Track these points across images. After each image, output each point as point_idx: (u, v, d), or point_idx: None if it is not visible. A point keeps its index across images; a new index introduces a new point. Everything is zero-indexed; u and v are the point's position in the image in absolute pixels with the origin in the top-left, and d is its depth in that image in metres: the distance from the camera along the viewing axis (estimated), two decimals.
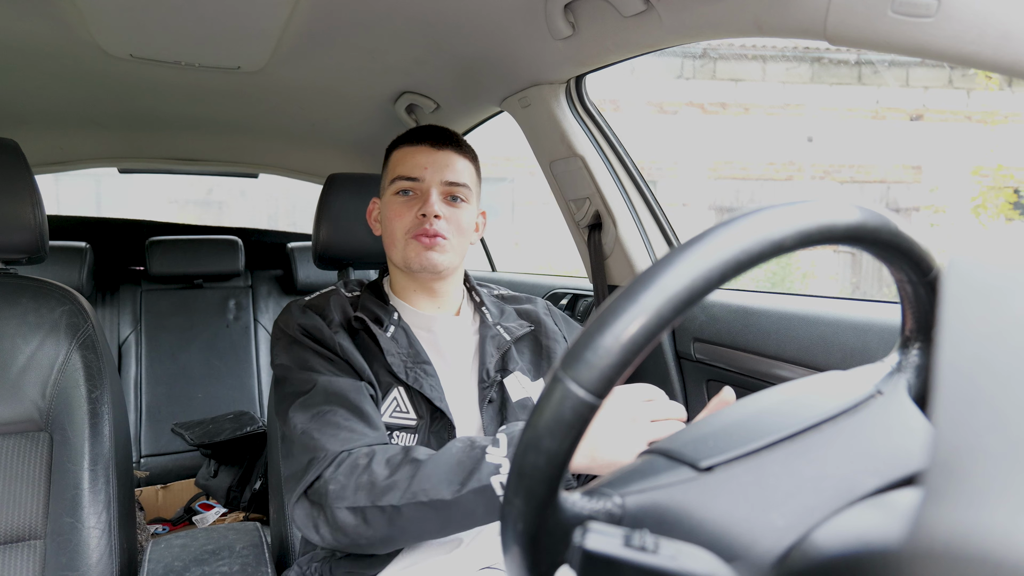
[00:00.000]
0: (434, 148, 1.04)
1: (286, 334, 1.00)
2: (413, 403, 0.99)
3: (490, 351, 1.05)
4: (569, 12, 1.15)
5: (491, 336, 1.07)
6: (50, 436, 1.02)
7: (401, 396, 0.99)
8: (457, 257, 1.05)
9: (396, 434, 0.97)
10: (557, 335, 1.13)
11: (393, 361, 0.98)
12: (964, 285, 0.31)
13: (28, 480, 0.99)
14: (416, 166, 1.03)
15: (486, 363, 1.04)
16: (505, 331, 1.09)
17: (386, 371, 0.99)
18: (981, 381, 0.27)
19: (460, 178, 1.05)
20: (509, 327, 1.10)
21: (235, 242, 2.54)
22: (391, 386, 0.99)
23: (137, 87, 1.70)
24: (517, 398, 1.03)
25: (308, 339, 0.99)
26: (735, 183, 8.57)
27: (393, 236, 1.04)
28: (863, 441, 0.43)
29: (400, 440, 0.97)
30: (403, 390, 0.99)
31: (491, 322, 1.09)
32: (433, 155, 1.04)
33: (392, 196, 1.05)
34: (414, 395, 0.99)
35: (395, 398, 0.99)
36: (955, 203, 6.59)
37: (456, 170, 1.05)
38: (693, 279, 0.38)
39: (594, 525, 0.37)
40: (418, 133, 1.07)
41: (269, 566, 0.93)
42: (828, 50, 7.06)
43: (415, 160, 1.04)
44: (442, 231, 1.01)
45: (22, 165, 1.06)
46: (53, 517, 0.99)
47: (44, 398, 1.03)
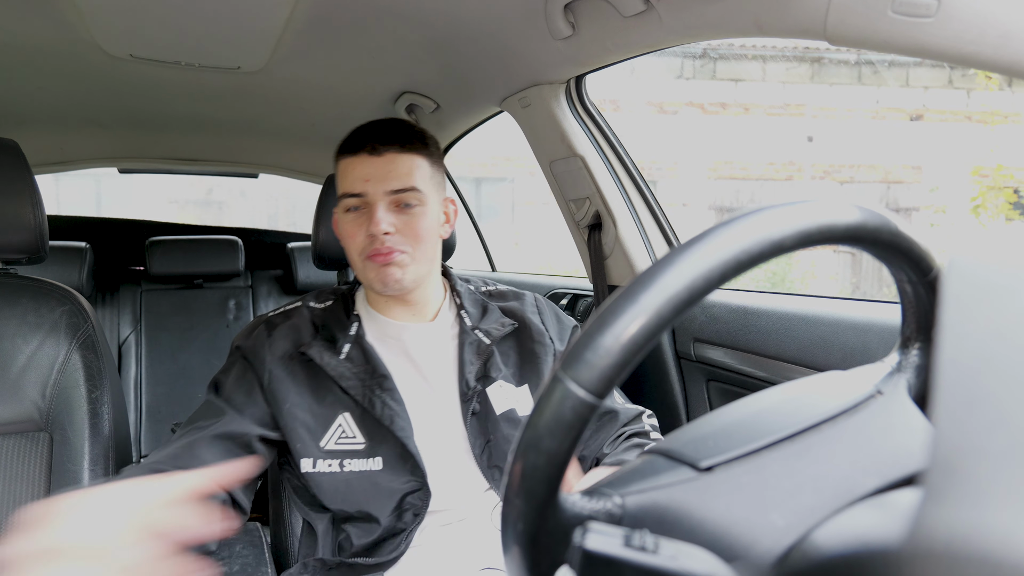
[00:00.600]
0: (373, 155, 0.95)
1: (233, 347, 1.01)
2: (364, 425, 0.96)
3: (469, 359, 1.00)
4: (569, 12, 1.15)
5: (469, 342, 1.02)
6: (50, 436, 1.02)
7: (347, 422, 0.96)
8: (422, 266, 0.98)
9: (347, 461, 0.94)
10: (543, 336, 1.07)
11: (349, 385, 0.95)
12: (964, 285, 0.31)
13: (28, 480, 0.99)
14: (356, 180, 0.95)
15: (465, 373, 0.99)
16: (485, 334, 1.03)
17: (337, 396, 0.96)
18: (981, 381, 0.27)
19: (407, 182, 0.95)
20: (490, 329, 1.04)
21: (235, 242, 2.54)
22: (336, 413, 0.96)
23: (137, 87, 1.70)
24: (501, 410, 1.00)
25: (243, 361, 0.98)
26: (735, 183, 8.57)
27: (351, 257, 0.98)
28: (863, 441, 0.43)
29: (351, 466, 0.94)
30: (349, 415, 0.96)
31: (469, 326, 1.03)
32: (372, 164, 0.95)
33: (343, 213, 0.98)
34: (367, 417, 0.96)
35: (339, 425, 0.96)
36: (955, 203, 6.59)
37: (401, 175, 0.95)
38: (693, 279, 0.38)
39: (594, 525, 0.37)
40: (357, 137, 0.97)
41: (269, 566, 0.93)
42: (828, 50, 7.06)
43: (355, 173, 0.95)
44: (397, 246, 0.94)
45: (22, 165, 1.06)
46: None
47: (44, 398, 1.03)
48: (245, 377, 0.97)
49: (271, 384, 0.95)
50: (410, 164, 0.96)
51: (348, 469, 0.94)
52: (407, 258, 0.95)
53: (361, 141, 0.96)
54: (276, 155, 2.46)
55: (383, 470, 0.95)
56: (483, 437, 0.98)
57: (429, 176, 0.99)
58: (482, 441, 0.98)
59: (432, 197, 0.99)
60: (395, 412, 0.94)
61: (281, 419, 0.94)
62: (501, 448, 0.98)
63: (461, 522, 0.97)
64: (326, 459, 0.94)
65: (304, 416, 0.95)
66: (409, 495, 0.94)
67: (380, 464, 0.95)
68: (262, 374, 0.96)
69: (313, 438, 0.95)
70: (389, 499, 0.94)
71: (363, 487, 0.94)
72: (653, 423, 1.06)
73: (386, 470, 0.95)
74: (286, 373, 0.96)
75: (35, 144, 1.96)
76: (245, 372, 0.97)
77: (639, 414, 1.07)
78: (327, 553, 0.99)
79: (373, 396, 0.95)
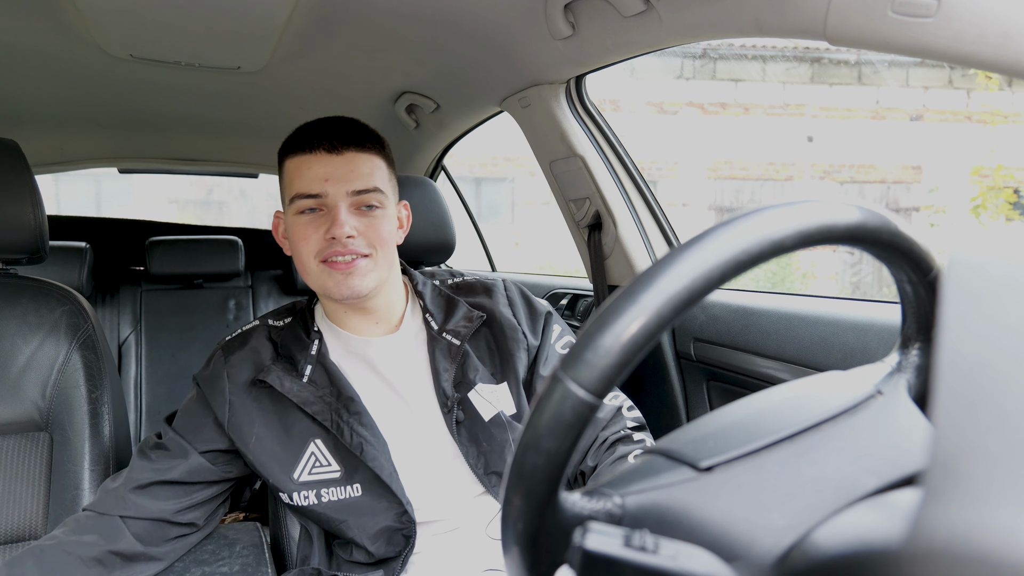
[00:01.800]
0: (332, 154, 0.88)
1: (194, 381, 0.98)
2: (337, 452, 0.92)
3: (443, 365, 0.95)
4: (569, 12, 1.15)
5: (439, 348, 0.96)
6: (50, 436, 1.02)
7: (319, 449, 0.91)
8: (384, 271, 0.92)
9: (324, 490, 0.91)
10: (516, 331, 1.00)
11: (315, 411, 0.90)
12: (964, 285, 0.31)
13: (28, 480, 0.99)
14: (315, 179, 0.88)
15: (441, 382, 0.94)
16: (454, 335, 0.96)
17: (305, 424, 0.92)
18: (981, 381, 0.27)
19: (369, 183, 0.89)
20: (458, 328, 0.97)
21: (235, 242, 2.54)
22: (306, 442, 0.91)
23: (137, 87, 1.70)
24: (489, 416, 0.95)
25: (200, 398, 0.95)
26: (735, 183, 8.57)
27: (303, 262, 0.90)
28: (863, 441, 0.43)
29: (329, 495, 0.90)
30: (321, 442, 0.92)
31: (436, 330, 0.97)
32: (332, 162, 0.88)
33: (295, 216, 0.90)
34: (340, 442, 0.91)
35: (312, 454, 0.91)
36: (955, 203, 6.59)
37: (363, 175, 0.89)
38: (693, 279, 0.38)
39: (594, 525, 0.37)
40: (309, 134, 0.90)
41: (269, 566, 0.93)
42: (828, 50, 7.06)
43: (312, 172, 0.88)
44: (359, 250, 0.88)
45: (22, 165, 1.06)
46: (53, 517, 0.99)
47: (44, 398, 1.03)
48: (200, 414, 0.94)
49: (232, 419, 0.91)
50: (371, 164, 0.91)
51: (326, 499, 0.91)
52: (369, 263, 0.90)
53: (317, 137, 0.89)
54: (276, 155, 2.46)
55: (363, 496, 0.91)
56: (475, 446, 0.94)
57: (388, 178, 0.94)
58: (475, 450, 0.94)
59: (391, 200, 0.94)
60: (364, 439, 0.90)
61: (249, 455, 0.91)
62: (497, 454, 0.95)
63: (456, 531, 0.96)
64: (301, 491, 0.91)
65: (273, 447, 0.91)
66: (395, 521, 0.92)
67: (360, 491, 0.91)
68: (222, 409, 0.92)
69: (285, 470, 0.91)
70: (374, 524, 0.92)
71: (344, 516, 0.92)
72: (635, 415, 1.00)
73: (366, 496, 0.91)
74: (251, 401, 0.92)
75: (35, 144, 1.96)
76: (201, 410, 0.94)
77: (617, 410, 1.00)
78: (322, 561, 0.98)
79: (341, 421, 0.90)
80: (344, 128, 0.91)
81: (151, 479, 0.91)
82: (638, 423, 1.00)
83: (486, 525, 0.97)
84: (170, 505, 0.91)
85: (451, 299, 1.01)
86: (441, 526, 0.96)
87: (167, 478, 0.91)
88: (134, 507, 0.89)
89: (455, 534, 0.96)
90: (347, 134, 0.90)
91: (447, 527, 0.96)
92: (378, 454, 0.90)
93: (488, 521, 0.97)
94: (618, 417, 1.00)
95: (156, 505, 0.90)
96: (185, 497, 0.92)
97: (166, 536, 0.91)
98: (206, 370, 0.96)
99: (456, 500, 0.96)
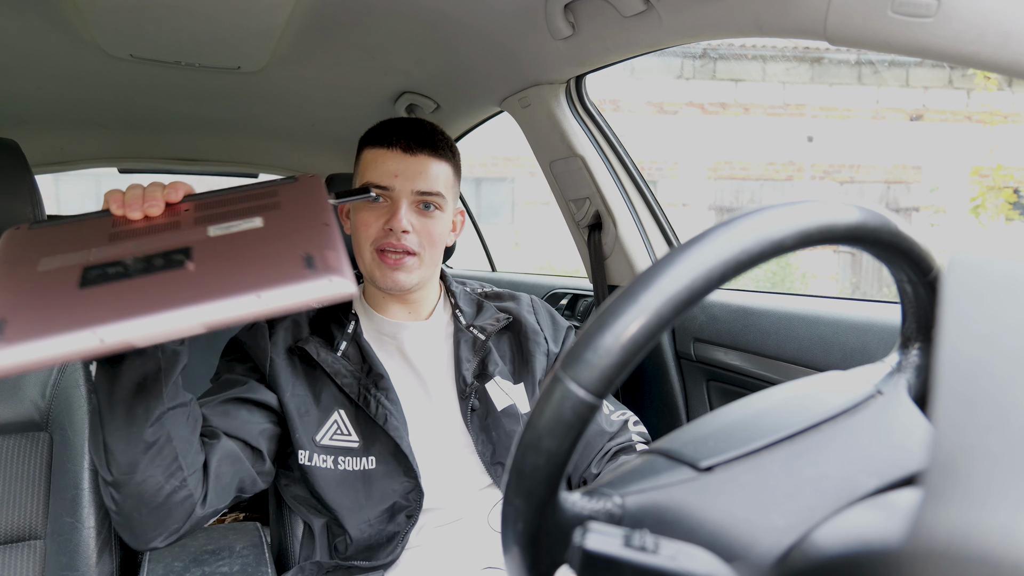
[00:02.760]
0: (406, 153, 0.96)
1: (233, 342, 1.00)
2: (358, 424, 0.96)
3: (466, 356, 1.01)
4: (569, 12, 1.15)
5: (465, 340, 1.02)
6: (50, 436, 1.02)
7: (342, 419, 0.96)
8: (428, 269, 0.99)
9: (341, 458, 0.94)
10: (538, 335, 1.08)
11: (345, 383, 0.95)
12: (964, 285, 0.31)
13: (28, 480, 0.99)
14: (386, 173, 0.95)
15: (462, 370, 1.00)
16: (480, 331, 1.04)
17: (332, 393, 0.96)
18: (981, 381, 0.27)
19: (434, 186, 0.96)
20: (484, 325, 1.04)
21: None
22: (331, 409, 0.96)
23: (137, 87, 1.70)
24: (502, 406, 1.00)
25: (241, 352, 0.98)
26: (735, 183, 8.57)
27: (359, 246, 0.98)
28: (863, 441, 0.43)
29: (346, 464, 0.94)
30: (344, 412, 0.96)
31: (464, 324, 1.04)
32: (405, 161, 0.95)
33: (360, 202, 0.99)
34: (362, 415, 0.96)
35: (335, 421, 0.96)
36: (955, 203, 6.59)
37: (430, 177, 0.96)
38: (693, 279, 0.38)
39: (594, 525, 0.37)
40: (390, 132, 0.97)
41: (269, 566, 0.93)
42: (828, 50, 7.06)
43: (385, 166, 0.95)
44: (411, 246, 0.95)
45: (22, 165, 1.06)
46: (53, 517, 0.99)
47: (44, 398, 1.03)
48: (248, 367, 0.97)
49: (272, 372, 0.96)
50: (439, 169, 0.98)
51: (342, 468, 0.95)
52: (416, 261, 0.96)
53: (396, 136, 0.96)
54: (276, 155, 2.46)
55: (376, 469, 0.95)
56: (485, 434, 0.99)
57: (451, 185, 1.01)
58: (484, 438, 0.98)
59: (450, 204, 1.01)
60: (389, 411, 0.94)
61: (284, 404, 0.95)
62: (504, 444, 0.99)
63: (458, 522, 0.97)
64: (320, 454, 0.94)
65: (300, 408, 0.95)
66: (402, 497, 0.94)
67: (374, 463, 0.95)
68: (264, 364, 0.96)
69: (308, 431, 0.95)
70: (382, 500, 0.94)
71: (356, 486, 0.94)
72: (639, 430, 1.05)
73: (379, 469, 0.95)
74: (287, 364, 0.97)
75: (35, 144, 1.96)
76: (247, 363, 0.98)
77: (624, 424, 1.05)
78: (323, 555, 0.99)
79: (368, 395, 0.95)
80: (423, 131, 0.98)
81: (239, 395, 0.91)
82: (644, 439, 1.04)
83: (487, 513, 0.99)
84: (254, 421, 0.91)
85: (480, 302, 1.10)
86: (444, 515, 0.97)
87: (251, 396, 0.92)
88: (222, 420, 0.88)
89: (457, 525, 0.97)
90: (425, 138, 0.97)
91: (450, 517, 0.97)
92: (399, 426, 0.94)
93: (490, 509, 0.99)
94: (624, 430, 1.04)
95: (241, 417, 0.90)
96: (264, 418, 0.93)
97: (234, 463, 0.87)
98: (249, 333, 1.00)
99: (463, 490, 0.98)
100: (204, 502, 0.81)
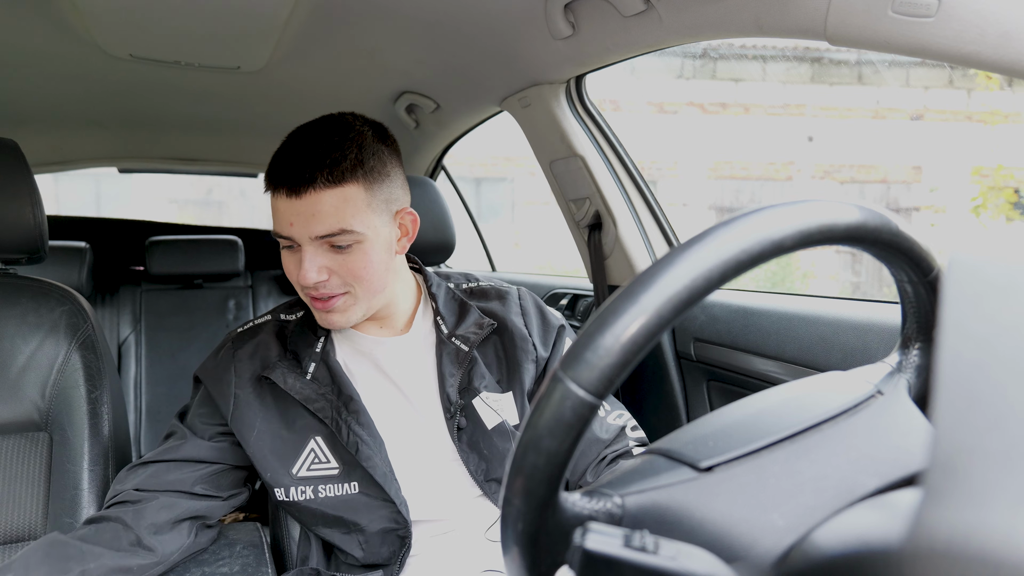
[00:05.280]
0: (292, 196, 0.82)
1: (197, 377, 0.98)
2: (336, 450, 0.92)
3: (449, 371, 0.95)
4: (569, 12, 1.15)
5: (447, 352, 0.96)
6: (50, 436, 1.02)
7: (319, 446, 0.92)
8: (371, 300, 0.90)
9: (321, 487, 0.91)
10: (526, 342, 1.00)
11: (317, 407, 0.91)
12: (964, 285, 0.31)
13: (28, 480, 0.99)
14: (282, 222, 0.85)
15: (446, 387, 0.94)
16: (463, 341, 0.96)
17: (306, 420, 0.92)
18: (981, 381, 0.27)
19: (334, 225, 0.82)
20: (467, 334, 0.97)
21: (235, 242, 2.54)
22: (307, 438, 0.92)
23: (137, 87, 1.70)
24: (491, 424, 0.95)
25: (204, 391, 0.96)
26: (735, 183, 8.58)
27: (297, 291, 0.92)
28: (863, 441, 0.43)
29: (327, 491, 0.91)
30: (321, 439, 0.92)
31: (445, 334, 0.97)
32: (293, 205, 0.82)
33: (282, 248, 0.90)
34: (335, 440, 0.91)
35: (312, 450, 0.92)
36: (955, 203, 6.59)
37: (324, 217, 0.82)
38: (693, 279, 0.38)
39: (594, 525, 0.37)
40: (276, 169, 0.84)
41: (269, 566, 0.93)
42: (828, 50, 7.06)
43: (279, 213, 0.85)
44: (334, 291, 0.87)
45: (22, 165, 1.06)
46: (53, 517, 0.99)
47: (44, 398, 1.03)
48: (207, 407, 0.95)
49: (236, 412, 0.92)
50: (336, 202, 0.82)
51: (323, 495, 0.91)
52: (349, 299, 0.89)
53: (280, 175, 0.83)
54: None
55: (360, 494, 0.91)
56: (476, 453, 0.94)
57: (365, 206, 0.85)
58: (475, 457, 0.94)
59: (373, 227, 0.86)
60: (360, 438, 0.90)
61: (249, 448, 0.91)
62: (498, 461, 0.94)
63: (453, 532, 0.96)
64: (298, 486, 0.91)
65: (273, 443, 0.91)
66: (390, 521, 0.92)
67: (356, 489, 0.91)
68: (226, 404, 0.92)
69: (284, 465, 0.91)
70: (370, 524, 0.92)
71: (340, 513, 0.92)
72: (638, 435, 1.00)
73: (363, 495, 0.91)
74: (254, 396, 0.92)
75: (35, 144, 1.97)
76: (207, 402, 0.95)
77: (622, 429, 0.99)
78: (321, 562, 0.98)
79: (340, 420, 0.90)
80: (310, 161, 0.82)
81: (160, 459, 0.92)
82: (641, 443, 1.00)
83: (485, 530, 0.97)
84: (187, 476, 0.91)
85: (464, 304, 1.01)
86: (438, 527, 0.96)
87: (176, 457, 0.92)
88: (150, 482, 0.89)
89: (452, 535, 0.96)
90: (310, 168, 0.82)
91: (444, 528, 0.96)
92: (373, 454, 0.90)
93: (487, 526, 0.97)
94: (621, 435, 0.99)
95: (172, 476, 0.91)
96: (201, 470, 0.93)
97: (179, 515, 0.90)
98: (212, 362, 0.97)
99: (454, 502, 0.96)
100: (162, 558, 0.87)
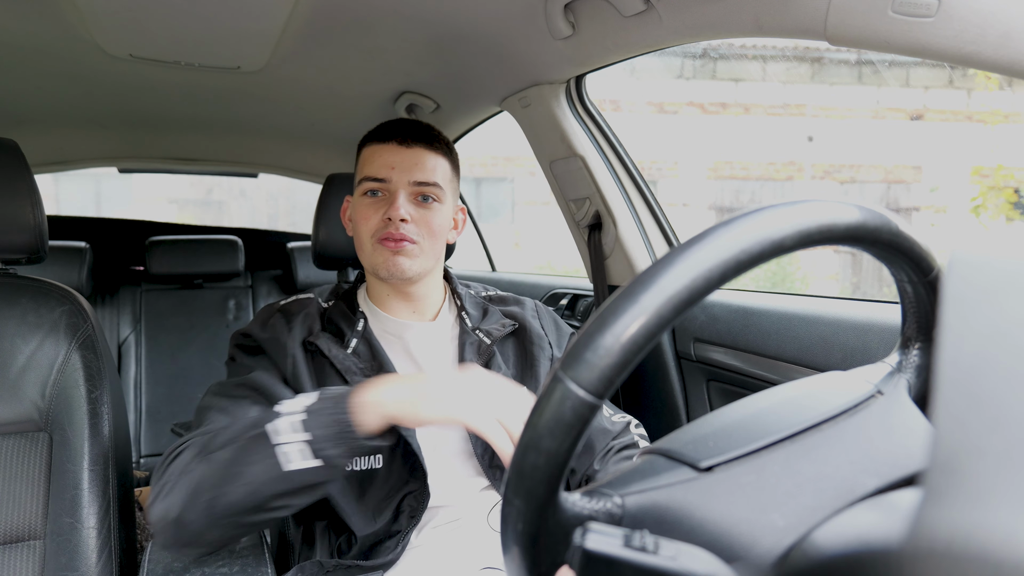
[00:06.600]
0: (402, 146, 0.99)
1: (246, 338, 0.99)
2: None
3: (470, 359, 1.01)
4: (569, 12, 1.15)
5: (470, 343, 1.02)
6: (50, 436, 1.02)
7: None
8: (429, 260, 1.00)
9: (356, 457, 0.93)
10: (542, 340, 1.08)
11: (355, 380, 0.94)
12: (964, 285, 0.31)
13: (28, 480, 0.99)
14: (383, 166, 0.98)
15: None
16: (485, 335, 1.04)
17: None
18: (981, 381, 0.27)
19: (430, 177, 0.99)
20: (491, 329, 1.05)
21: (235, 242, 2.54)
22: None
23: (137, 87, 1.70)
24: None
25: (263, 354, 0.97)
26: (735, 183, 8.58)
27: (360, 240, 1.00)
28: (863, 441, 0.43)
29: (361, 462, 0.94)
30: None
31: (470, 327, 1.04)
32: (401, 153, 0.98)
33: (360, 197, 1.00)
34: None
35: None
36: (955, 203, 6.59)
37: (426, 169, 0.98)
38: (693, 279, 0.38)
39: (594, 525, 0.37)
40: (386, 129, 1.01)
41: (269, 566, 0.93)
42: (828, 50, 7.06)
43: (382, 159, 0.98)
44: (410, 235, 0.96)
45: (22, 165, 1.06)
46: (53, 517, 0.99)
47: (44, 398, 1.03)
48: (269, 370, 0.96)
49: (294, 371, 0.95)
50: (435, 161, 1.00)
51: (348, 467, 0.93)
52: (417, 249, 0.97)
53: (391, 132, 1.00)
54: (276, 155, 2.46)
55: (383, 468, 0.94)
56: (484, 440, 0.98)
57: (449, 179, 1.03)
58: (483, 442, 0.98)
59: (449, 198, 1.02)
60: None
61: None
62: None
63: (457, 521, 0.97)
64: None
65: None
66: (407, 496, 0.94)
67: (380, 462, 0.94)
68: (284, 364, 0.95)
69: None
70: (387, 499, 0.94)
71: (362, 485, 0.94)
72: (641, 432, 1.05)
73: (385, 468, 0.94)
74: (302, 360, 0.96)
75: (35, 144, 1.96)
76: (268, 365, 0.96)
77: (627, 425, 1.06)
78: (324, 555, 0.98)
79: None
80: (418, 128, 1.01)
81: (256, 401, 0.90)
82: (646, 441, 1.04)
83: (487, 514, 0.98)
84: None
85: (485, 306, 1.11)
86: (443, 515, 0.97)
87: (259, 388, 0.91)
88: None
89: (456, 525, 0.97)
90: (420, 133, 1.00)
91: (449, 517, 0.97)
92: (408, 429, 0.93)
93: (489, 510, 0.98)
94: (626, 431, 1.05)
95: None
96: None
97: None
98: (266, 330, 0.98)
99: (464, 490, 0.98)
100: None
